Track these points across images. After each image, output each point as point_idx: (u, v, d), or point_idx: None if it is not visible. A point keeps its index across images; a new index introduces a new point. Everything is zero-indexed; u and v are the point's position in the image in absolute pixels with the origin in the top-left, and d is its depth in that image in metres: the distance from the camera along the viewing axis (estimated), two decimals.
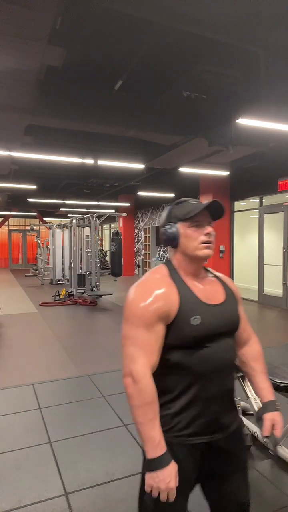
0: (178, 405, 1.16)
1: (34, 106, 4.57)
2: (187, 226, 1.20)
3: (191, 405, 1.16)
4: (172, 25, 3.34)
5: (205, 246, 1.20)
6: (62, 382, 3.78)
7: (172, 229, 1.22)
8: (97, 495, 2.09)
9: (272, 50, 3.85)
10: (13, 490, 2.14)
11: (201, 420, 1.17)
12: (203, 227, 1.21)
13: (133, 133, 5.43)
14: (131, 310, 1.15)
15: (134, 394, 1.09)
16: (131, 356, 1.12)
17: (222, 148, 5.62)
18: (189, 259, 1.23)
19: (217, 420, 1.19)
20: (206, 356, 1.16)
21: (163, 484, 1.06)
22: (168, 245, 1.24)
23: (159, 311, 1.13)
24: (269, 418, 1.24)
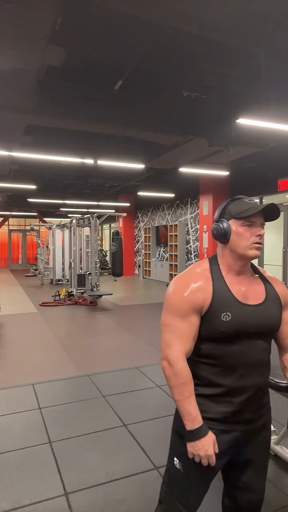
0: (203, 391, 1.23)
1: (34, 106, 4.57)
2: (240, 224, 1.22)
3: (217, 393, 1.22)
4: (172, 25, 3.34)
5: (255, 247, 1.23)
6: (62, 382, 3.78)
7: (224, 225, 1.24)
8: (97, 495, 2.09)
9: (272, 50, 3.85)
10: (13, 490, 2.14)
11: (224, 409, 1.22)
12: (255, 227, 1.23)
13: (133, 133, 5.43)
14: (169, 300, 1.24)
15: (171, 376, 1.19)
16: (168, 342, 1.21)
17: (222, 148, 5.62)
18: (236, 256, 1.25)
19: (240, 413, 1.24)
20: (233, 352, 1.20)
21: (203, 451, 1.16)
22: (218, 240, 1.27)
23: (194, 303, 1.20)
24: None
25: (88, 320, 6.77)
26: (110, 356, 4.59)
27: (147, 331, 5.82)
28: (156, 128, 5.42)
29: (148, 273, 13.74)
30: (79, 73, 4.41)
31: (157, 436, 2.69)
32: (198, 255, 10.46)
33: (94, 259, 9.14)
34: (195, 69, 4.25)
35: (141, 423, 2.91)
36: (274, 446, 2.44)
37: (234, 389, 1.22)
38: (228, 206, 1.26)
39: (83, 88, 4.77)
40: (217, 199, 9.23)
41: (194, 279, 1.23)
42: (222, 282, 1.23)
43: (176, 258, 11.32)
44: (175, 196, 11.64)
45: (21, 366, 4.23)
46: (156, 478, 2.23)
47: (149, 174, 8.89)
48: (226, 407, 1.22)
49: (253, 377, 1.24)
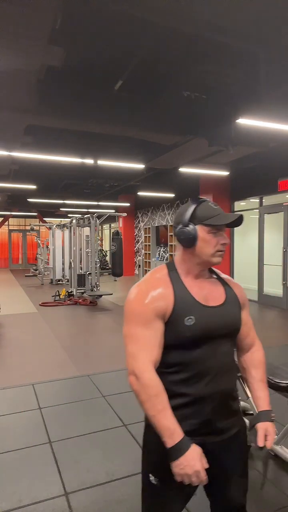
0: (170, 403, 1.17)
1: (34, 106, 4.57)
2: (207, 231, 1.20)
3: (183, 404, 1.17)
4: (172, 25, 3.34)
5: (219, 254, 1.22)
6: (62, 382, 3.78)
7: (192, 230, 1.20)
8: (97, 495, 2.09)
9: (272, 50, 3.85)
10: (13, 490, 2.14)
11: (193, 420, 1.17)
12: (220, 235, 1.21)
13: (133, 133, 5.43)
14: (130, 309, 1.18)
15: (139, 390, 1.11)
16: (132, 354, 1.15)
17: (222, 148, 5.62)
18: (199, 262, 1.22)
19: (210, 423, 1.19)
20: (199, 357, 1.17)
21: (190, 468, 1.06)
22: (184, 244, 1.22)
23: (156, 309, 1.15)
24: (263, 428, 1.21)
25: (88, 320, 6.77)
26: (110, 356, 4.59)
27: None
28: (156, 128, 5.42)
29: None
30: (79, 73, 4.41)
31: None
32: None
33: (94, 259, 9.14)
34: (195, 69, 4.24)
35: (141, 423, 2.89)
36: (274, 446, 2.44)
37: (202, 398, 1.17)
38: (196, 210, 1.21)
39: (83, 88, 4.76)
40: (217, 199, 9.23)
41: (154, 286, 1.19)
42: (182, 286, 1.20)
43: None
44: (175, 196, 11.64)
45: (21, 366, 4.23)
46: None
47: (149, 174, 8.89)
48: (195, 418, 1.17)
49: (221, 382, 1.20)
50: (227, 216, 1.20)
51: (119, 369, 4.13)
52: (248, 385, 1.33)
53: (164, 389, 1.13)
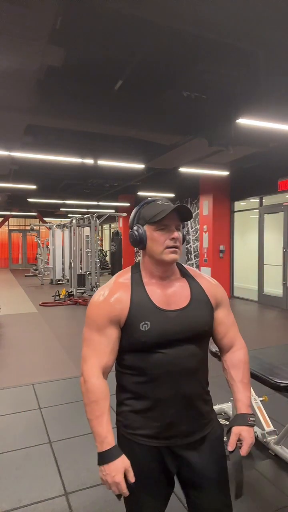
0: (133, 405, 1.19)
1: (34, 106, 4.57)
2: (154, 229, 1.17)
3: (145, 407, 1.17)
4: (172, 25, 3.34)
5: (170, 251, 1.17)
6: (62, 382, 3.78)
7: (139, 232, 1.19)
8: (97, 495, 2.09)
9: (272, 50, 3.85)
10: (13, 490, 2.14)
11: (155, 423, 1.16)
12: (170, 231, 1.17)
13: (133, 133, 5.43)
14: (88, 313, 1.21)
15: (84, 393, 1.17)
16: (84, 357, 1.19)
17: (222, 148, 5.62)
18: (155, 262, 1.20)
19: (173, 426, 1.17)
20: (158, 361, 1.14)
21: (110, 478, 1.08)
22: (135, 247, 1.23)
23: (110, 315, 1.15)
24: (235, 432, 1.17)
25: None
26: None
27: None
28: (156, 128, 5.42)
29: None
30: (79, 73, 4.41)
31: None
32: (198, 255, 10.45)
33: (94, 259, 9.14)
34: (195, 69, 4.24)
35: None
36: (274, 446, 2.44)
37: (164, 401, 1.15)
38: (141, 211, 1.20)
39: (83, 88, 4.76)
40: (217, 199, 9.23)
41: (113, 290, 1.19)
42: (142, 290, 1.18)
43: None
44: (175, 196, 11.64)
45: (21, 366, 4.23)
46: None
47: (149, 174, 8.89)
48: (158, 420, 1.16)
49: (184, 386, 1.16)
50: (166, 208, 1.15)
51: None
52: (230, 386, 1.28)
53: (106, 396, 1.16)
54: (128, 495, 1.12)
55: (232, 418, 1.23)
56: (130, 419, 1.19)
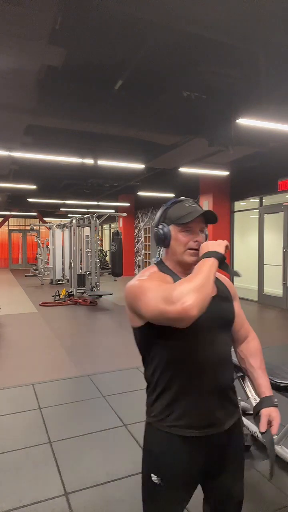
0: (170, 396, 1.18)
1: (34, 106, 4.57)
2: (179, 230, 1.21)
3: (183, 397, 1.17)
4: (172, 25, 3.34)
5: (191, 253, 1.20)
6: (62, 382, 3.78)
7: (164, 230, 1.23)
8: (97, 495, 2.09)
9: (272, 50, 3.85)
10: (13, 490, 2.14)
11: (194, 412, 1.18)
12: (194, 233, 1.21)
13: (133, 133, 5.43)
14: (141, 284, 1.14)
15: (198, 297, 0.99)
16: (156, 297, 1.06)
17: (222, 148, 5.62)
18: (176, 261, 1.24)
19: (211, 414, 1.19)
20: (198, 349, 1.17)
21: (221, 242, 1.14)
22: (160, 245, 1.26)
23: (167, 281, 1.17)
24: (265, 414, 1.23)
25: (88, 320, 6.77)
26: (110, 356, 4.59)
27: None
28: (156, 128, 5.42)
29: None
30: (79, 73, 4.41)
31: None
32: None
33: (94, 259, 9.14)
34: (195, 69, 4.25)
35: (141, 423, 2.90)
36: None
37: (202, 389, 1.18)
38: (168, 211, 1.24)
39: (83, 88, 4.76)
40: (217, 199, 9.23)
41: (153, 273, 1.22)
42: (177, 277, 1.22)
43: None
44: (175, 196, 11.63)
45: (21, 366, 4.23)
46: None
47: (149, 174, 8.89)
48: (197, 409, 1.18)
49: (219, 374, 1.21)
50: (194, 211, 1.20)
51: (119, 369, 4.13)
52: (248, 374, 1.34)
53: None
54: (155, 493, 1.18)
55: (258, 402, 1.28)
56: (167, 411, 1.18)
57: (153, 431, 1.21)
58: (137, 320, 1.19)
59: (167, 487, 1.18)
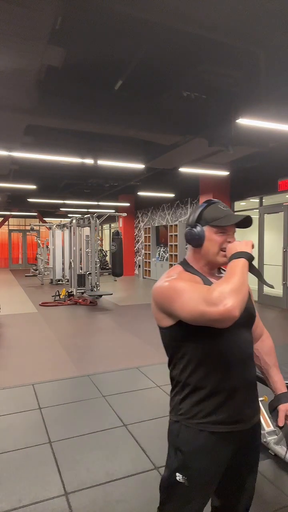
0: (202, 393, 1.19)
1: (34, 106, 4.57)
2: (214, 232, 1.24)
3: (215, 394, 1.19)
4: (172, 25, 3.34)
5: (223, 254, 1.24)
6: (62, 382, 3.78)
7: (199, 231, 1.24)
8: (97, 495, 2.09)
9: (272, 50, 3.85)
10: (13, 490, 2.14)
11: (225, 408, 1.20)
12: (228, 235, 1.25)
13: (133, 133, 5.43)
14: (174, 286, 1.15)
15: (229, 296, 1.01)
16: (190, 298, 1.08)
17: (222, 148, 5.62)
18: (206, 261, 1.27)
19: (240, 410, 1.22)
20: (229, 346, 1.20)
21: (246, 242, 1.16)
22: (192, 244, 1.27)
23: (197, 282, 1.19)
24: (283, 409, 1.28)
25: (88, 320, 6.77)
26: (110, 356, 4.59)
27: (147, 331, 5.82)
28: (156, 128, 5.42)
29: (148, 273, 13.74)
30: (79, 73, 4.41)
31: (157, 436, 2.69)
32: None
33: (94, 259, 9.14)
34: (195, 69, 4.25)
35: (141, 423, 2.91)
36: (274, 446, 2.44)
37: (232, 385, 1.20)
38: (204, 212, 1.26)
39: (83, 88, 4.77)
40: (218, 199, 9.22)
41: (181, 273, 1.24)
42: (204, 276, 1.25)
43: (176, 258, 11.33)
44: (175, 196, 11.64)
45: (21, 366, 4.23)
46: (156, 478, 2.23)
47: (149, 174, 8.89)
48: (227, 405, 1.20)
49: (247, 369, 1.24)
50: (233, 217, 1.24)
51: (119, 369, 4.13)
52: (263, 371, 1.39)
53: None
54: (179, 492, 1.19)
55: (274, 398, 1.33)
56: (198, 408, 1.20)
57: (183, 429, 1.22)
58: (167, 320, 1.20)
59: (191, 487, 1.20)
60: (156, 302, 1.22)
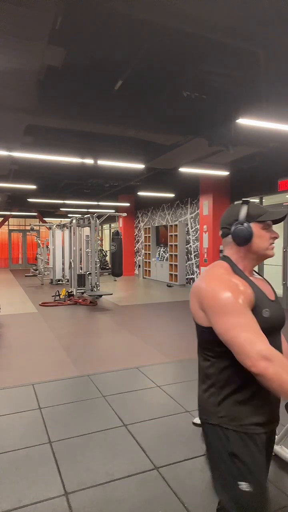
0: (240, 395, 1.19)
1: (34, 106, 4.57)
2: (261, 227, 1.28)
3: (255, 396, 1.19)
4: (172, 25, 3.34)
5: (272, 247, 1.31)
6: (62, 382, 3.78)
7: (249, 228, 1.26)
8: (97, 495, 2.09)
9: (272, 50, 3.85)
10: (13, 490, 2.14)
11: (265, 409, 1.21)
12: (271, 230, 1.30)
13: (133, 133, 5.43)
14: (225, 302, 1.14)
15: (278, 371, 1.04)
16: (249, 340, 1.08)
17: (222, 148, 5.62)
18: (256, 257, 1.30)
19: (274, 411, 1.24)
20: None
21: None
22: (240, 242, 1.27)
23: (247, 298, 1.17)
24: None
25: (88, 320, 6.77)
26: (110, 356, 4.59)
27: (147, 331, 5.82)
28: (156, 128, 5.42)
29: (148, 273, 13.74)
30: (79, 73, 4.41)
31: (157, 436, 2.69)
32: (198, 255, 10.45)
33: (94, 259, 9.14)
34: (195, 69, 4.25)
35: (141, 423, 2.91)
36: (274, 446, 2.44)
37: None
38: (249, 209, 1.28)
39: (83, 88, 4.77)
40: (217, 199, 9.23)
41: (233, 277, 1.22)
42: (250, 280, 1.25)
43: (176, 258, 11.33)
44: (175, 196, 11.64)
45: (21, 366, 4.23)
46: (156, 478, 2.23)
47: (149, 174, 8.89)
48: (263, 407, 1.21)
49: None
50: (277, 212, 1.28)
51: (119, 369, 4.13)
52: None
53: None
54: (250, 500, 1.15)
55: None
56: (237, 410, 1.19)
57: (231, 433, 1.18)
58: (207, 321, 1.20)
59: (258, 491, 1.15)
60: (200, 301, 1.21)
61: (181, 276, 11.26)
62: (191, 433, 2.72)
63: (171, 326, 6.20)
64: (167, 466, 2.34)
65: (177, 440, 2.64)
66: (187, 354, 4.62)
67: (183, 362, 4.34)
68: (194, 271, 10.80)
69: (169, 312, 7.44)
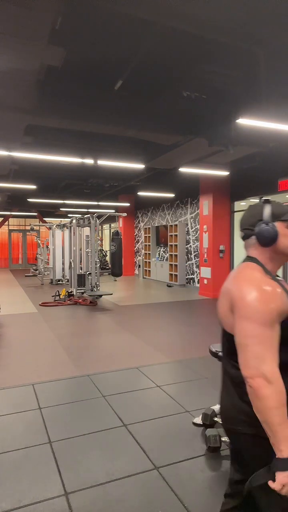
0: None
1: (34, 106, 4.57)
2: (285, 226, 1.26)
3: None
4: (173, 25, 3.34)
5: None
6: (62, 382, 3.78)
7: (274, 228, 1.24)
8: (97, 495, 2.09)
9: (272, 50, 3.85)
10: (13, 490, 2.14)
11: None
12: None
13: (133, 133, 5.43)
14: (255, 308, 1.12)
15: (271, 395, 1.06)
16: (260, 355, 1.08)
17: (222, 148, 5.62)
18: (281, 257, 1.28)
19: None
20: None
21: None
22: (267, 242, 1.24)
23: (281, 307, 1.13)
24: None
25: (88, 320, 6.77)
26: (110, 356, 4.59)
27: (147, 331, 5.82)
28: (156, 128, 5.42)
29: (148, 273, 13.74)
30: (79, 73, 4.41)
31: (157, 436, 2.69)
32: (198, 255, 10.45)
33: (94, 259, 9.14)
34: (195, 69, 4.25)
35: (141, 423, 2.91)
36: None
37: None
38: (273, 209, 1.26)
39: (83, 88, 4.77)
40: (217, 199, 9.23)
41: (268, 283, 1.17)
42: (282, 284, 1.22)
43: (176, 258, 11.33)
44: (175, 196, 11.64)
45: (21, 366, 4.23)
46: (156, 478, 2.23)
47: (149, 174, 8.89)
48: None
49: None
50: None
51: (119, 369, 4.13)
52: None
53: None
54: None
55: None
56: None
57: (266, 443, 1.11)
58: None
59: None
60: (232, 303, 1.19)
61: (181, 276, 11.27)
62: (191, 433, 2.73)
63: (171, 326, 6.20)
64: (167, 466, 2.35)
65: (177, 440, 2.64)
66: (187, 354, 4.62)
67: (183, 362, 4.34)
68: (194, 271, 10.80)
69: (169, 312, 7.44)
